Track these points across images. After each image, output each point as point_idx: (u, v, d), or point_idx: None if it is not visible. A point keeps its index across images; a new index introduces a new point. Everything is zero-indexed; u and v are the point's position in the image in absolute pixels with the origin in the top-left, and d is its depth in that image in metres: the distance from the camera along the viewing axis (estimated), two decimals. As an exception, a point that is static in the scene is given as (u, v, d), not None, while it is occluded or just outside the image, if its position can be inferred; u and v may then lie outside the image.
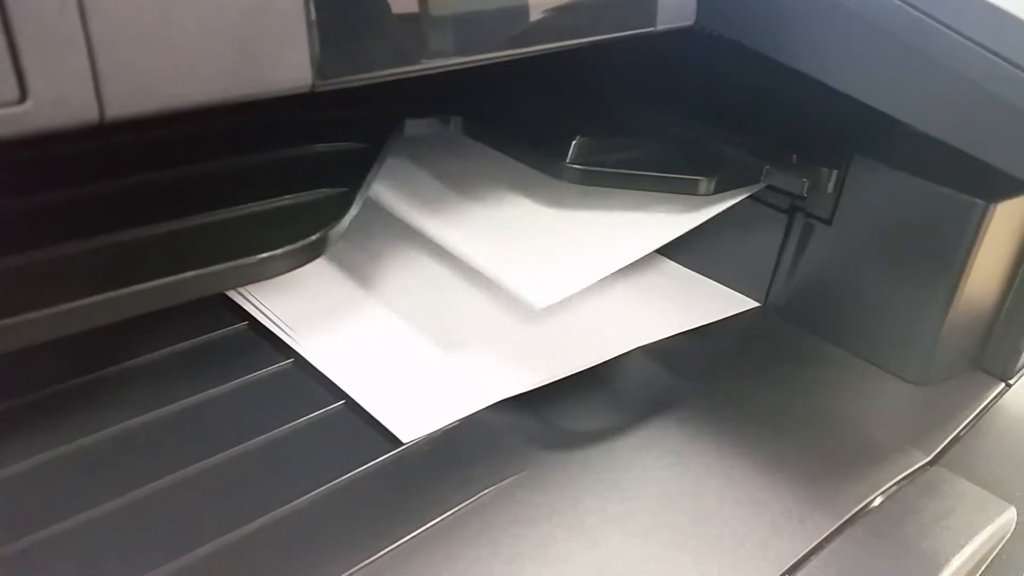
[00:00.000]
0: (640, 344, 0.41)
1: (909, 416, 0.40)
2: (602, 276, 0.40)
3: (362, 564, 0.28)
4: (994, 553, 0.33)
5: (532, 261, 0.41)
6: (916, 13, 0.32)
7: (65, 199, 0.32)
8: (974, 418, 0.40)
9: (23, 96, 0.18)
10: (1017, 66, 0.31)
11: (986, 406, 0.41)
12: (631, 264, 0.49)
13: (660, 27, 0.32)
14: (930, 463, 0.37)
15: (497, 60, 0.28)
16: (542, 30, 0.29)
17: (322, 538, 0.29)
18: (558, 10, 0.28)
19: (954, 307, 0.40)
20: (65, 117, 0.19)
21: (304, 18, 0.22)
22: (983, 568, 0.33)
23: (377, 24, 0.24)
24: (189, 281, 0.29)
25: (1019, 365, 0.44)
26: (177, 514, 0.30)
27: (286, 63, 0.22)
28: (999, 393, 0.43)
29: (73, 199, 0.33)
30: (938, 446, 0.38)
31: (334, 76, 0.24)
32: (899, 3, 0.33)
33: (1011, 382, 0.43)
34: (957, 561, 0.32)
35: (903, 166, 0.40)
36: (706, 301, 0.46)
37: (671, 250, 0.50)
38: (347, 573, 0.28)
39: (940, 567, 0.31)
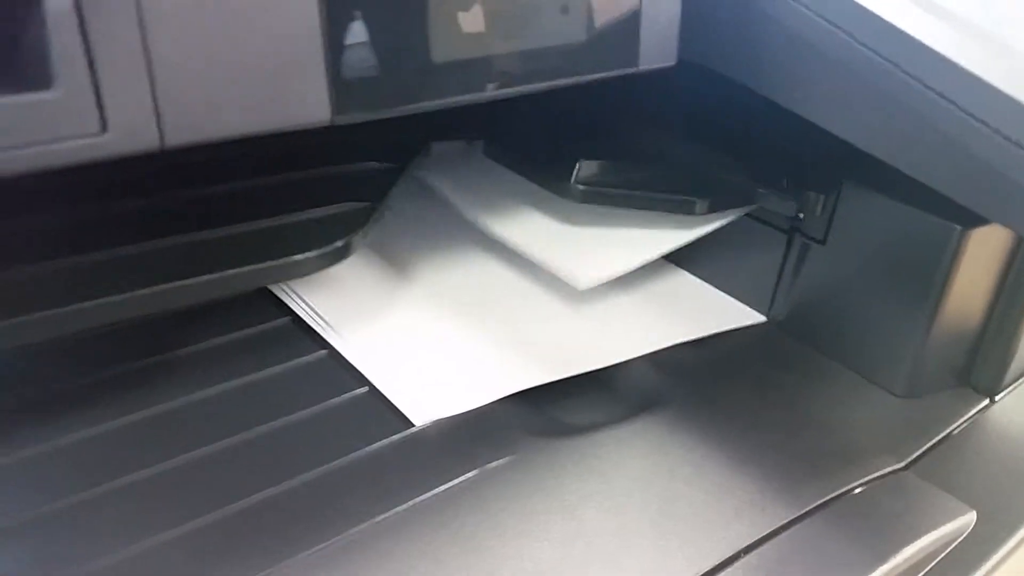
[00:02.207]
0: (648, 351, 0.45)
1: (890, 425, 0.42)
2: (635, 266, 0.46)
3: (370, 521, 0.33)
4: (947, 551, 0.36)
5: (576, 250, 0.47)
6: (882, 60, 0.36)
7: (136, 208, 0.39)
8: (953, 430, 0.42)
9: (104, 128, 0.24)
10: (972, 116, 0.34)
11: (967, 419, 0.43)
12: (648, 274, 0.53)
13: (642, 67, 0.36)
14: (903, 468, 0.39)
15: (492, 98, 0.33)
16: (534, 71, 0.33)
17: (339, 499, 0.34)
18: (548, 53, 0.33)
19: (936, 324, 0.42)
20: (135, 145, 0.25)
21: (323, 63, 0.27)
22: (934, 563, 0.35)
23: (385, 68, 0.29)
24: (235, 276, 0.35)
25: (1005, 382, 0.46)
26: (221, 475, 0.35)
27: (308, 101, 0.28)
28: (983, 408, 0.44)
29: (143, 208, 0.39)
30: (912, 453, 0.40)
31: (349, 112, 0.29)
32: (867, 51, 0.36)
33: (996, 398, 0.45)
34: (907, 552, 0.34)
35: (889, 192, 0.42)
36: (714, 313, 0.49)
37: (686, 262, 0.54)
38: (357, 528, 0.33)
39: (887, 556, 0.34)
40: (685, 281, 0.53)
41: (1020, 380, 0.47)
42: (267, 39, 0.26)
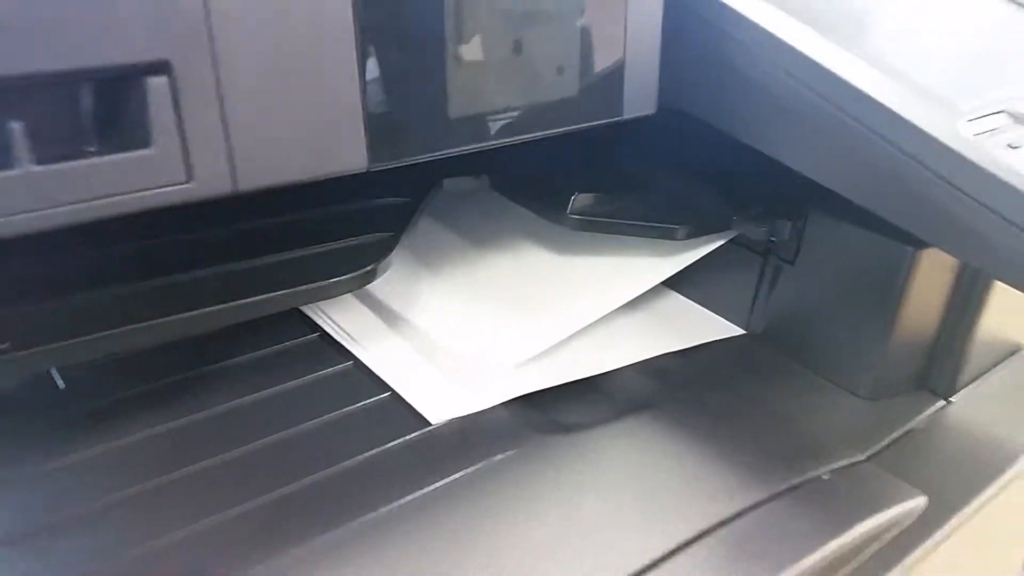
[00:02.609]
0: (639, 359, 0.50)
1: (854, 423, 0.47)
2: (568, 334, 0.49)
3: (392, 505, 0.38)
4: (900, 529, 0.40)
5: (502, 324, 0.49)
6: (836, 111, 0.41)
7: (190, 241, 0.44)
8: (912, 427, 0.47)
9: (189, 178, 0.30)
10: (912, 157, 0.39)
11: (925, 418, 0.48)
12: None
13: (626, 116, 0.42)
14: (864, 460, 0.43)
15: (500, 145, 0.39)
16: (534, 122, 0.39)
17: (365, 487, 0.39)
18: (545, 107, 0.39)
19: (895, 333, 0.47)
20: (213, 190, 0.31)
21: (361, 124, 0.33)
22: (888, 539, 0.40)
23: (410, 125, 0.35)
24: (275, 298, 0.41)
25: (959, 385, 0.50)
26: (263, 467, 0.40)
27: (348, 151, 0.34)
28: (939, 408, 0.49)
29: (197, 241, 0.44)
30: (873, 447, 0.45)
31: (382, 160, 0.35)
32: (822, 101, 0.42)
33: (952, 399, 0.50)
34: (860, 528, 0.38)
35: (850, 219, 0.47)
36: (698, 326, 0.55)
37: (671, 282, 0.59)
38: (382, 510, 0.38)
39: (842, 531, 0.38)
40: (671, 299, 0.58)
41: (973, 382, 0.52)
42: (317, 106, 0.32)
